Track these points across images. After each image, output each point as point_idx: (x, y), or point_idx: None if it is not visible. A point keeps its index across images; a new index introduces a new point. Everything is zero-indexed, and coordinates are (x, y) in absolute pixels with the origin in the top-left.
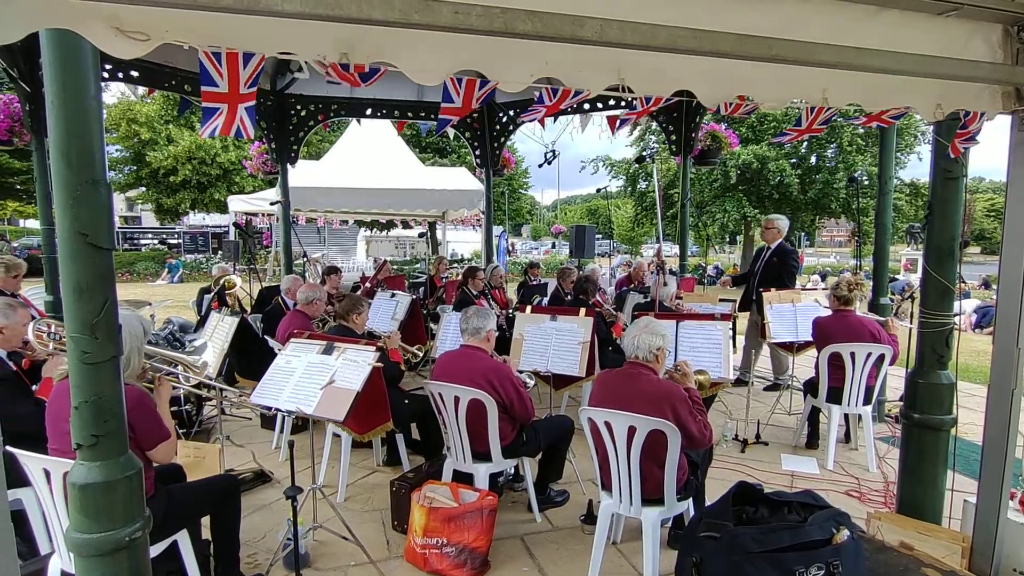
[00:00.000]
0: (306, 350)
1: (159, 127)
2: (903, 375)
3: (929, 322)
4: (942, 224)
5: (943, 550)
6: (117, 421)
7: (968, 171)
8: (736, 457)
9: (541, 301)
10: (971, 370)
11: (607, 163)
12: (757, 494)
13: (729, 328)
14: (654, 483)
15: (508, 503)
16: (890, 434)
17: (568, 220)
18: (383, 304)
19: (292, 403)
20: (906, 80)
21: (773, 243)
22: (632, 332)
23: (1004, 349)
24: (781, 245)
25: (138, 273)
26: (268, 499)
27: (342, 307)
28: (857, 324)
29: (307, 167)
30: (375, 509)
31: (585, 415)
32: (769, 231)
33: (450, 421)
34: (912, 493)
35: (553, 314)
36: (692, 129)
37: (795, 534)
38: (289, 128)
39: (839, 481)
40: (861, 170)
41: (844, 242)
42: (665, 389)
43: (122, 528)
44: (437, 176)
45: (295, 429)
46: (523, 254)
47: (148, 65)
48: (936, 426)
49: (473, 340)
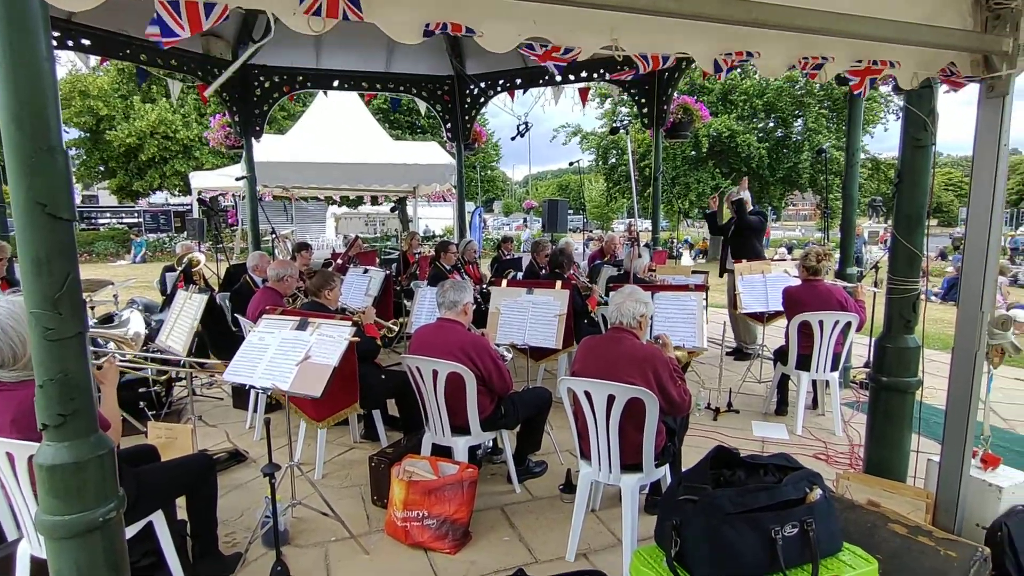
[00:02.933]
0: (279, 326)
1: (114, 102)
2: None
3: (897, 288)
4: (912, 192)
5: (908, 507)
6: (85, 398)
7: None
8: (709, 425)
9: (516, 275)
10: (932, 337)
11: (578, 134)
12: (734, 458)
13: (703, 298)
14: (633, 449)
15: (488, 475)
16: (855, 399)
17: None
18: (356, 280)
19: (267, 380)
20: (888, 48)
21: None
22: (617, 299)
23: (969, 313)
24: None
25: (98, 253)
26: (244, 478)
27: (313, 283)
28: (826, 292)
29: (273, 141)
30: (354, 485)
31: (564, 385)
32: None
33: (428, 395)
34: (879, 453)
35: (529, 287)
36: (664, 102)
37: (771, 494)
38: (253, 100)
39: (808, 445)
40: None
41: (809, 215)
42: (649, 352)
43: (95, 509)
44: (407, 150)
45: (270, 407)
46: (495, 230)
47: (100, 33)
48: (903, 388)
49: (450, 313)
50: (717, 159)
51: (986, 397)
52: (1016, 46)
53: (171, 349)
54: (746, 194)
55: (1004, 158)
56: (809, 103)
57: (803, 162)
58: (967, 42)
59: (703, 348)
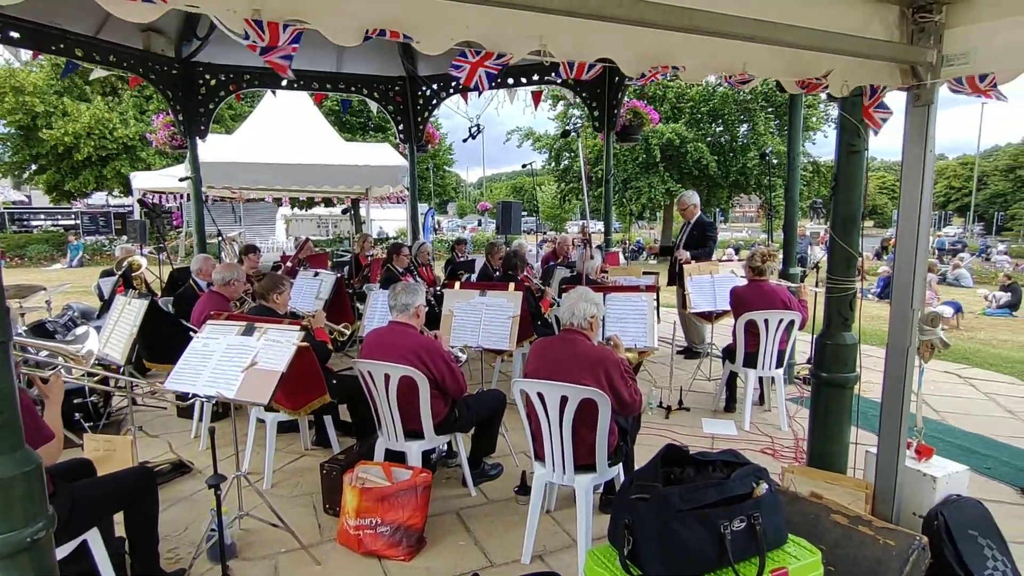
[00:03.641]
0: (225, 332)
1: (50, 99)
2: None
3: (835, 287)
4: (847, 195)
5: (849, 497)
6: (11, 412)
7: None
8: (661, 423)
9: (469, 277)
10: (869, 333)
11: (530, 136)
12: (684, 455)
13: (654, 299)
14: (586, 449)
15: (442, 479)
16: (799, 395)
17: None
18: (306, 283)
19: (211, 387)
20: (817, 56)
21: (692, 218)
22: (569, 300)
23: (900, 311)
24: (700, 219)
25: (30, 257)
26: (188, 490)
27: (261, 286)
28: (771, 292)
29: (219, 141)
30: (305, 494)
31: (518, 387)
32: (686, 210)
33: (381, 399)
34: (820, 447)
35: (482, 289)
36: (615, 105)
37: (719, 490)
38: (198, 98)
39: (755, 440)
40: (770, 147)
41: (754, 217)
42: (600, 354)
43: (23, 529)
44: (359, 152)
45: (215, 416)
46: (449, 232)
47: (30, 25)
48: (841, 383)
49: (402, 316)
50: (667, 164)
51: (918, 390)
52: (939, 57)
53: (109, 357)
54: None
55: (930, 164)
56: (754, 108)
57: (750, 164)
58: (894, 53)
59: (654, 348)
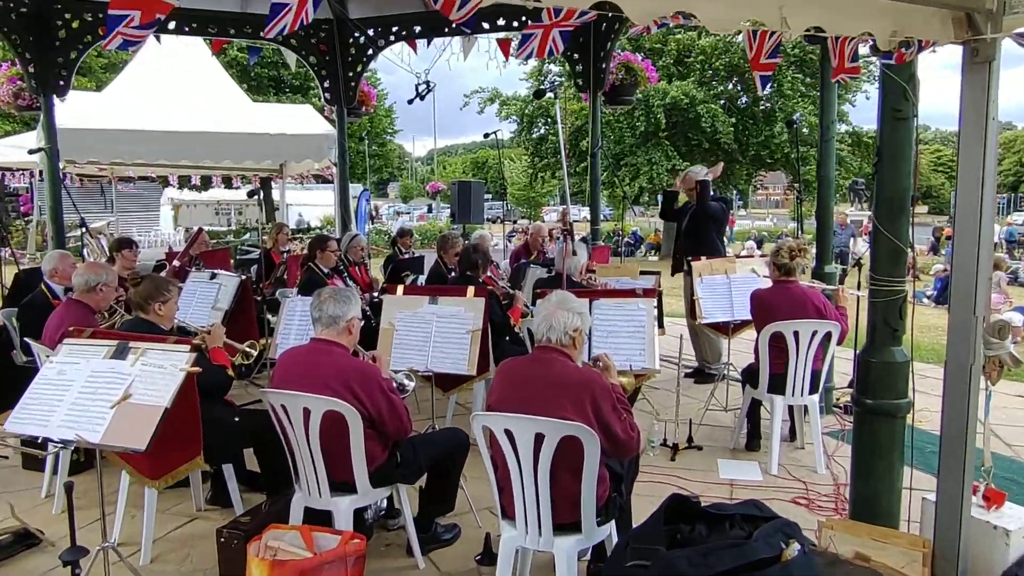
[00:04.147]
0: (88, 354)
1: None
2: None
3: (880, 290)
4: (892, 172)
5: (902, 558)
6: None
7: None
8: (665, 466)
9: (417, 280)
10: (924, 348)
11: (497, 99)
12: (693, 509)
13: (654, 306)
14: (568, 503)
15: (381, 546)
16: (839, 427)
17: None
18: (200, 288)
19: (69, 429)
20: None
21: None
22: (543, 310)
23: (960, 319)
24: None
25: None
26: (38, 568)
27: (139, 293)
28: (801, 297)
29: (85, 101)
30: (196, 569)
31: (479, 422)
32: (693, 189)
33: (299, 442)
34: (865, 493)
35: (433, 296)
36: (602, 59)
37: (738, 553)
38: (55, 45)
39: (785, 488)
40: (800, 113)
41: (781, 201)
42: (585, 377)
43: None
44: (272, 116)
45: (75, 468)
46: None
47: None
48: (891, 412)
49: (328, 332)
50: (672, 134)
51: (985, 419)
52: (1001, 3)
53: None
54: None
55: (993, 134)
56: (780, 65)
57: (777, 136)
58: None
59: (655, 370)
